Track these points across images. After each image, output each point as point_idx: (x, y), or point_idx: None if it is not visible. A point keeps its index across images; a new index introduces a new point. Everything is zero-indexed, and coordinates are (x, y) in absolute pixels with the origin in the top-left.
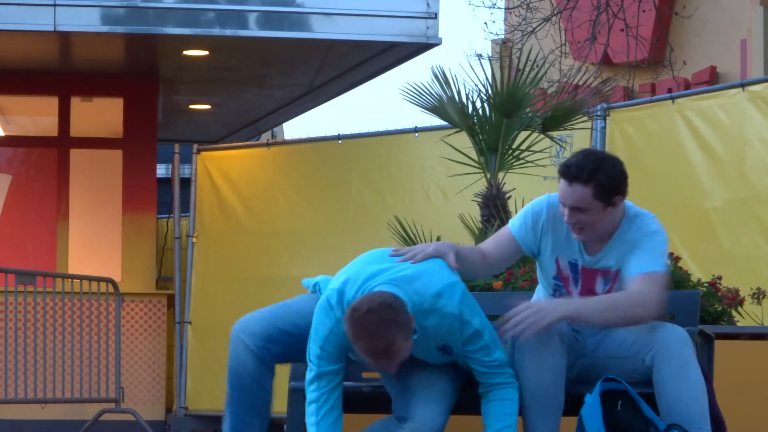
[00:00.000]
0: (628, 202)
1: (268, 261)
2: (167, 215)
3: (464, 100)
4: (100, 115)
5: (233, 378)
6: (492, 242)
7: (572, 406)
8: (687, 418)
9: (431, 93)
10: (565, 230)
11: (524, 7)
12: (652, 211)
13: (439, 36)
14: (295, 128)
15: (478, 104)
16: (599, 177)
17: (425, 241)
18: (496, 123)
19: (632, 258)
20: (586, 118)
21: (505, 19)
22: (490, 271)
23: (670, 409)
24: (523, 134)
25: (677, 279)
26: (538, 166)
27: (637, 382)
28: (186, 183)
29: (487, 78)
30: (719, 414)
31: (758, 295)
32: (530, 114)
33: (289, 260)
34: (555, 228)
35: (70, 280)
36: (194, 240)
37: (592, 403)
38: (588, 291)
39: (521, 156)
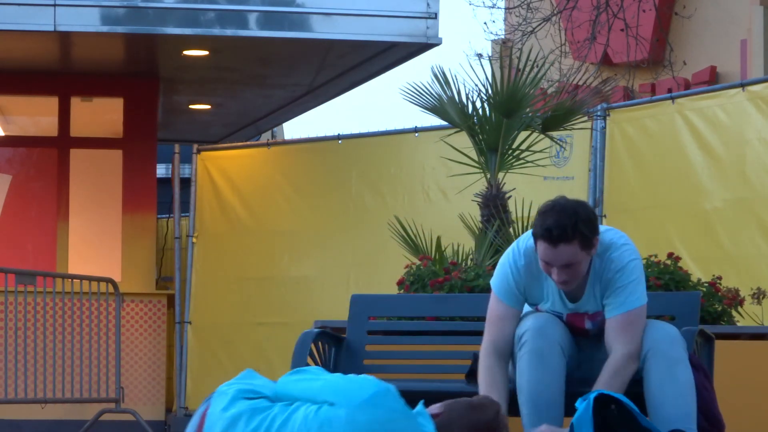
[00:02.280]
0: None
1: (268, 261)
2: (167, 215)
3: (464, 100)
4: (100, 115)
5: None
6: (499, 328)
7: (573, 405)
8: (673, 418)
9: (431, 93)
10: (541, 286)
11: (524, 7)
12: (652, 211)
13: (439, 36)
14: (295, 128)
15: (478, 104)
16: (580, 229)
17: (425, 241)
18: (496, 123)
19: (609, 301)
20: (586, 118)
21: (505, 19)
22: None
23: (657, 409)
24: (523, 134)
25: (677, 279)
26: (538, 166)
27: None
28: (186, 183)
29: (487, 78)
30: (718, 414)
31: (758, 295)
32: (530, 114)
33: (289, 260)
34: (532, 284)
35: (70, 280)
36: (194, 240)
37: (583, 413)
38: (576, 328)
39: (521, 156)
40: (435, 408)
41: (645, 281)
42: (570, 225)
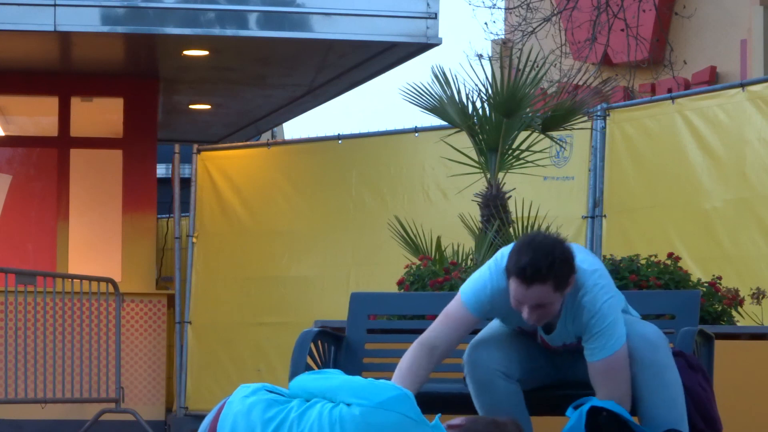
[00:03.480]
0: None
1: (268, 261)
2: (167, 215)
3: (464, 100)
4: (100, 115)
5: None
6: (449, 331)
7: (562, 405)
8: (667, 421)
9: (431, 93)
10: (517, 312)
11: (524, 7)
12: (652, 211)
13: (439, 36)
14: (295, 128)
15: (478, 104)
16: (555, 271)
17: (425, 241)
18: (496, 123)
19: (588, 345)
20: (586, 118)
21: (505, 19)
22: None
23: (651, 416)
24: (523, 134)
25: (677, 279)
26: (538, 166)
27: None
28: (186, 183)
29: (487, 78)
30: (715, 415)
31: (758, 295)
32: (530, 114)
33: (289, 260)
34: (509, 309)
35: (70, 280)
36: (194, 240)
37: (575, 423)
38: (547, 346)
39: (521, 156)
40: (456, 421)
41: (621, 318)
42: (545, 265)
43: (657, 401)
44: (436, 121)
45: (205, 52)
